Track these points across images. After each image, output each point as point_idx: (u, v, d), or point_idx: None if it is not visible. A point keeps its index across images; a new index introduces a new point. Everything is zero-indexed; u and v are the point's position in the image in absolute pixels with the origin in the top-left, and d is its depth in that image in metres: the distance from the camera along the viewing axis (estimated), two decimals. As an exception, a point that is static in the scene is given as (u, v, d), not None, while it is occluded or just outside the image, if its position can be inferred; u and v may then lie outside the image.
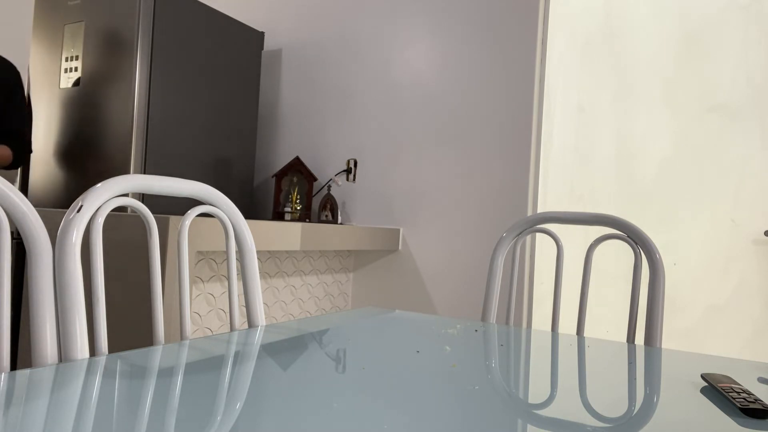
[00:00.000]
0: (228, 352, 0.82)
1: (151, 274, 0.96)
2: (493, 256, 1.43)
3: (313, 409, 0.58)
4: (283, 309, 2.22)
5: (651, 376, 0.84)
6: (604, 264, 2.40)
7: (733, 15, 2.30)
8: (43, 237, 0.80)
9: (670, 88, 2.37)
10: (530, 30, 2.26)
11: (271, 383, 0.67)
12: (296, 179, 2.63)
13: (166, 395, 0.60)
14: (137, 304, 1.61)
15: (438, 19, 2.47)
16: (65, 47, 2.22)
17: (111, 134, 2.10)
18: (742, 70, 2.30)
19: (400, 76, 2.55)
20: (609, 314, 2.40)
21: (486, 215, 2.32)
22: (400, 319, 1.18)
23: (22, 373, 0.65)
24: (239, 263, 1.77)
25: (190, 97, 2.27)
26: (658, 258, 1.25)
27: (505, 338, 1.06)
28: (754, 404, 0.66)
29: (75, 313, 0.80)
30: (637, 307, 1.28)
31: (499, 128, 2.30)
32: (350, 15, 2.70)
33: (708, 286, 2.32)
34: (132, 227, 1.62)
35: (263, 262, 2.12)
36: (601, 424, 0.60)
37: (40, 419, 0.51)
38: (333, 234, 2.14)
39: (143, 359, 0.74)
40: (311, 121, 2.79)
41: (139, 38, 2.07)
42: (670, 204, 2.36)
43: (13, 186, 0.78)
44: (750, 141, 2.28)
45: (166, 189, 1.00)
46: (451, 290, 2.38)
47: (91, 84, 2.16)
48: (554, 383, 0.76)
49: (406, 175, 2.51)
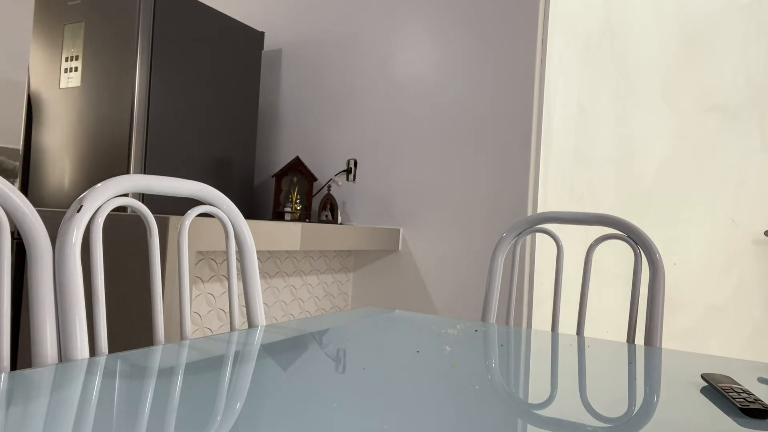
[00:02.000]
0: (228, 352, 0.82)
1: (151, 274, 0.96)
2: (493, 256, 1.43)
3: (313, 409, 0.58)
4: (283, 309, 2.22)
5: (651, 376, 0.84)
6: (604, 264, 2.40)
7: (733, 15, 2.30)
8: (43, 237, 0.80)
9: (670, 88, 2.37)
10: (530, 30, 2.26)
11: (271, 383, 0.67)
12: (296, 179, 2.63)
13: (166, 395, 0.60)
14: (137, 304, 1.61)
15: (438, 19, 2.47)
16: (65, 47, 2.22)
17: (111, 134, 2.10)
18: (742, 70, 2.30)
19: (400, 76, 2.55)
20: (609, 314, 2.40)
21: (486, 215, 2.32)
22: (400, 319, 1.18)
23: (22, 373, 0.65)
24: (239, 263, 1.77)
25: (190, 97, 2.27)
26: (658, 258, 1.25)
27: (505, 338, 1.06)
28: (754, 404, 0.66)
29: (75, 313, 0.80)
30: (637, 307, 1.28)
31: (499, 128, 2.30)
32: (350, 15, 2.70)
33: (708, 286, 2.32)
34: (132, 227, 1.62)
35: (263, 262, 2.12)
36: (601, 424, 0.60)
37: (40, 419, 0.51)
38: (333, 234, 2.14)
39: (143, 359, 0.74)
40: (311, 121, 2.79)
41: (139, 38, 2.07)
42: (670, 204, 2.36)
43: (13, 186, 0.78)
44: (750, 141, 2.28)
45: (166, 189, 1.00)
46: (451, 290, 2.38)
47: (91, 84, 2.16)
48: (554, 383, 0.76)
49: (406, 175, 2.51)
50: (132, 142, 2.06)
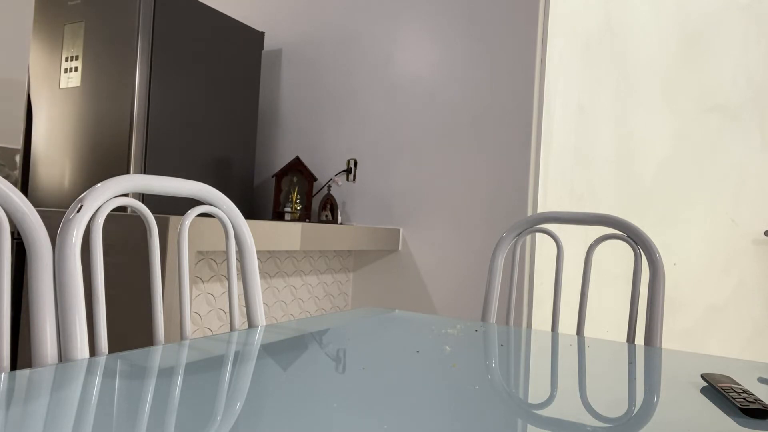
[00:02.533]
0: (228, 352, 0.82)
1: (151, 274, 0.96)
2: (493, 256, 1.43)
3: (313, 409, 0.58)
4: (283, 309, 2.22)
5: (651, 376, 0.84)
6: (604, 264, 2.40)
7: (733, 15, 2.30)
8: (43, 237, 0.80)
9: (670, 88, 2.37)
10: (530, 30, 2.26)
11: (271, 383, 0.67)
12: (296, 179, 2.63)
13: (166, 395, 0.60)
14: (137, 304, 1.61)
15: (438, 19, 2.47)
16: (65, 47, 2.22)
17: (111, 134, 2.10)
18: (741, 70, 2.30)
19: (400, 76, 2.55)
20: (609, 314, 2.40)
21: (486, 215, 2.32)
22: (400, 319, 1.18)
23: (22, 373, 0.65)
24: (239, 263, 1.77)
25: (190, 96, 2.27)
26: (658, 258, 1.25)
27: (505, 338, 1.06)
28: (754, 404, 0.66)
29: (75, 313, 0.80)
30: (637, 307, 1.28)
31: (499, 128, 2.30)
32: (350, 15, 2.70)
33: (708, 286, 2.32)
34: (132, 227, 1.62)
35: (263, 262, 2.12)
36: (601, 424, 0.60)
37: (40, 419, 0.51)
38: (333, 234, 2.14)
39: (143, 359, 0.74)
40: (311, 121, 2.79)
41: (139, 38, 2.07)
42: (670, 204, 2.36)
43: (13, 186, 0.78)
44: (750, 141, 2.28)
45: (166, 189, 1.00)
46: (451, 290, 2.38)
47: (91, 84, 2.16)
48: (554, 383, 0.76)
49: (406, 175, 2.51)
50: (132, 142, 2.06)
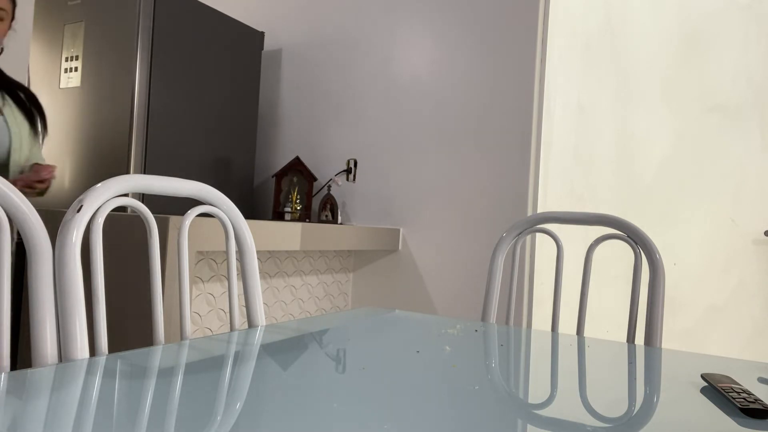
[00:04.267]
0: (228, 352, 0.82)
1: (151, 274, 0.96)
2: (493, 256, 1.43)
3: (313, 409, 0.58)
4: (283, 309, 2.22)
5: (651, 376, 0.84)
6: (604, 264, 2.40)
7: (733, 15, 2.30)
8: (43, 237, 0.80)
9: (670, 87, 2.37)
10: (530, 30, 2.26)
11: (271, 383, 0.67)
12: (296, 179, 2.63)
13: (166, 395, 0.60)
14: (137, 304, 1.61)
15: (438, 19, 2.47)
16: (65, 47, 2.22)
17: (111, 134, 2.10)
18: (742, 69, 2.30)
19: (400, 76, 2.55)
20: (609, 314, 2.40)
21: (486, 215, 2.32)
22: (400, 319, 1.18)
23: (22, 373, 0.65)
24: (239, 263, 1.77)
25: (190, 96, 2.27)
26: (658, 258, 1.25)
27: (505, 338, 1.06)
28: (754, 404, 0.66)
29: (75, 313, 0.80)
30: (637, 307, 1.28)
31: (499, 128, 2.30)
32: (350, 15, 2.70)
33: (708, 286, 2.32)
34: (132, 227, 1.62)
35: (263, 262, 2.12)
36: (601, 424, 0.60)
37: (40, 419, 0.51)
38: (333, 234, 2.14)
39: (143, 359, 0.74)
40: (311, 121, 2.79)
41: (139, 38, 2.07)
42: (670, 204, 2.36)
43: (13, 186, 0.78)
44: (750, 141, 2.28)
45: (166, 189, 1.00)
46: (451, 290, 2.38)
47: (91, 84, 2.16)
48: (554, 383, 0.76)
49: (406, 175, 2.51)
50: (132, 142, 2.06)
